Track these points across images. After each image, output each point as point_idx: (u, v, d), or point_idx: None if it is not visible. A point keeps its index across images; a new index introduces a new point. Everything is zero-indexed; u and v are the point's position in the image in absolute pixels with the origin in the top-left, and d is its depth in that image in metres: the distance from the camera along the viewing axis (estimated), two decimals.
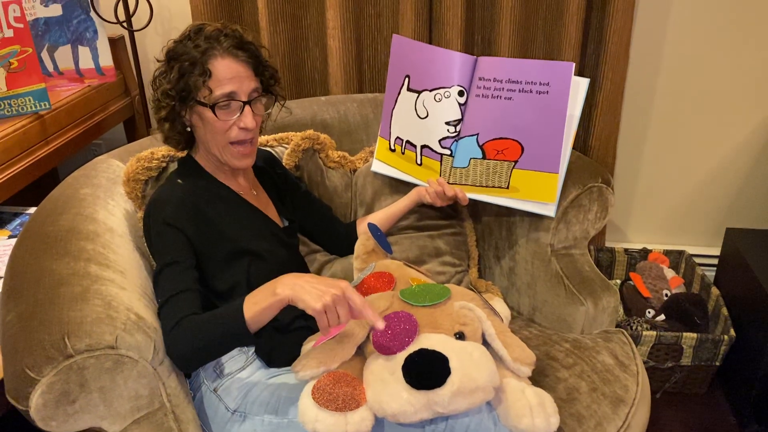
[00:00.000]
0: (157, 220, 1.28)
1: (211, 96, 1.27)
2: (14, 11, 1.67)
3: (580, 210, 1.61)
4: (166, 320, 1.18)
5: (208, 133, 1.32)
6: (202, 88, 1.27)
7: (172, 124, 1.33)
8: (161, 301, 1.21)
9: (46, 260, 1.21)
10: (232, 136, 1.31)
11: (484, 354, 1.16)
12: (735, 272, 2.04)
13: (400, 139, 1.66)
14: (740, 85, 2.12)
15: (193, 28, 1.31)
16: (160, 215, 1.28)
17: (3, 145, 1.63)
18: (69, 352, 1.03)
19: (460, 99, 1.54)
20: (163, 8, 2.19)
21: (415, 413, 1.09)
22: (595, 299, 1.56)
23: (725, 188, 2.27)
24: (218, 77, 1.27)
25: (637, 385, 1.39)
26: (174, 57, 1.29)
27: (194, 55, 1.27)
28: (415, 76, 1.59)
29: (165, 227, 1.27)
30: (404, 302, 1.26)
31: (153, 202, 1.32)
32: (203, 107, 1.28)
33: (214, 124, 1.30)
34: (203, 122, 1.31)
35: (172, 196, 1.31)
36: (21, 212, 1.81)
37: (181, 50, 1.28)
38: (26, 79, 1.71)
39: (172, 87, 1.28)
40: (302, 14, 2.07)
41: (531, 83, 1.47)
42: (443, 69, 1.55)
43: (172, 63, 1.29)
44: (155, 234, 1.28)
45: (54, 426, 1.05)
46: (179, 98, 1.28)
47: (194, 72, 1.26)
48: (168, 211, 1.28)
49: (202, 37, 1.28)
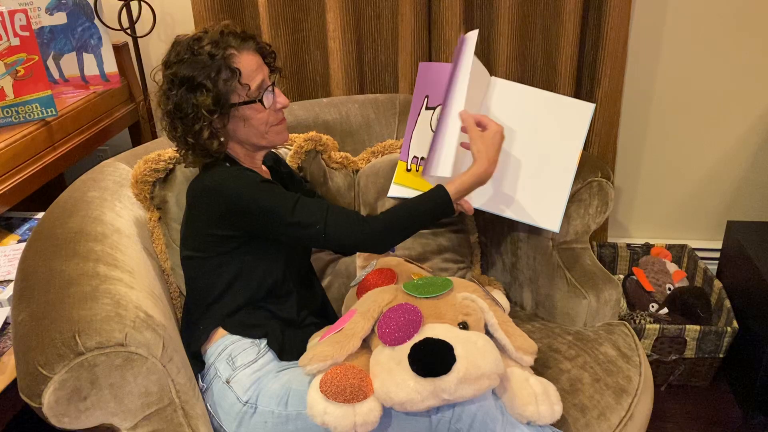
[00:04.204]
0: (245, 186, 1.28)
1: (251, 91, 1.31)
2: (20, 20, 1.69)
3: (581, 204, 1.63)
4: (344, 223, 1.27)
5: (252, 128, 1.34)
6: (236, 90, 1.29)
7: (211, 139, 1.31)
8: (320, 223, 1.26)
9: (56, 261, 1.23)
10: (272, 119, 1.36)
11: (488, 342, 1.17)
12: (737, 265, 2.05)
13: (416, 158, 1.67)
14: (740, 78, 2.13)
15: (185, 44, 1.29)
16: (244, 182, 1.29)
17: (11, 151, 1.66)
18: (80, 350, 1.05)
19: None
20: (166, 15, 2.21)
21: (423, 401, 1.11)
22: (597, 292, 1.58)
23: (726, 182, 2.28)
24: (247, 72, 1.30)
25: (640, 375, 1.41)
26: (191, 76, 1.26)
27: (217, 63, 1.27)
28: (433, 94, 1.60)
29: (261, 185, 1.29)
30: (408, 294, 1.27)
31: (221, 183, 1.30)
32: (246, 105, 1.31)
33: (259, 116, 1.33)
34: (245, 121, 1.33)
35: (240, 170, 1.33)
36: (29, 217, 1.83)
37: (199, 66, 1.27)
38: (33, 86, 1.74)
39: (213, 101, 1.27)
40: (303, 17, 2.09)
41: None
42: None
43: (193, 81, 1.26)
44: (256, 197, 1.27)
45: (66, 422, 1.06)
46: (220, 110, 1.28)
47: (222, 77, 1.27)
48: (247, 176, 1.30)
49: (208, 45, 1.28)
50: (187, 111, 1.28)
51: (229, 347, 1.31)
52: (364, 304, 1.27)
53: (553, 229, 1.50)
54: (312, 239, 1.28)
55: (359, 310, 1.26)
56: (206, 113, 1.27)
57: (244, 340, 1.32)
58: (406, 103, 1.84)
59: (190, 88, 1.27)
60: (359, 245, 1.33)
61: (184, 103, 1.28)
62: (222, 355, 1.31)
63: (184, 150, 1.35)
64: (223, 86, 1.28)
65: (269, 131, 1.37)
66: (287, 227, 1.27)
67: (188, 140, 1.31)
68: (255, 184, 1.29)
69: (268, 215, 1.27)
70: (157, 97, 1.35)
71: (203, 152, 1.33)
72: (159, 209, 1.52)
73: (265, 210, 1.27)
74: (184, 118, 1.29)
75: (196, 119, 1.28)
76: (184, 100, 1.28)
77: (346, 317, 1.27)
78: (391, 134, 1.87)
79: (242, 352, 1.31)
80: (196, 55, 1.28)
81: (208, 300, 1.36)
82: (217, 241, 1.34)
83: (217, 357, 1.31)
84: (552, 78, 2.06)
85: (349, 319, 1.25)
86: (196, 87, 1.27)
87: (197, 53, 1.28)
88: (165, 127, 1.34)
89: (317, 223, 1.26)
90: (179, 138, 1.32)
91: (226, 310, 1.35)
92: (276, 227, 1.28)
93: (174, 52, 1.31)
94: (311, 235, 1.27)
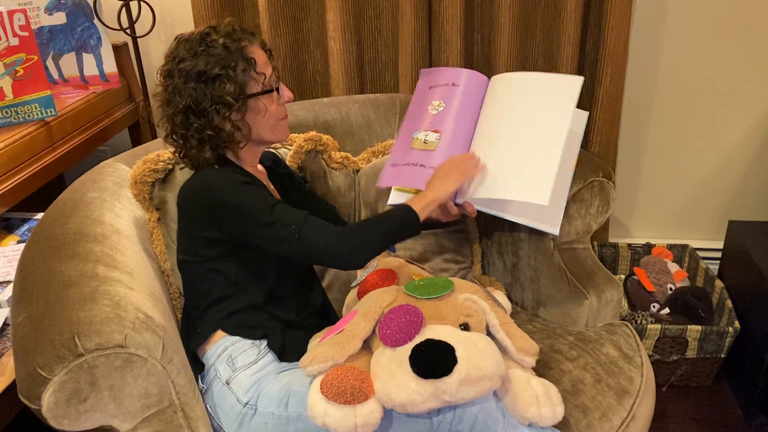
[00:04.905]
0: (228, 187, 1.27)
1: (267, 80, 1.32)
2: (19, 20, 1.69)
3: (582, 204, 1.62)
4: (320, 230, 1.24)
5: (264, 121, 1.34)
6: (251, 80, 1.30)
7: (233, 130, 1.31)
8: (296, 226, 1.23)
9: (55, 262, 1.23)
10: (281, 112, 1.37)
11: (489, 344, 1.17)
12: (738, 265, 2.05)
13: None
14: (741, 78, 2.13)
15: (197, 39, 1.29)
16: (227, 182, 1.28)
17: (10, 151, 1.66)
18: (79, 352, 1.04)
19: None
20: (166, 14, 2.21)
21: (424, 402, 1.10)
22: (599, 293, 1.57)
23: (727, 181, 2.28)
24: (260, 63, 1.32)
25: (642, 376, 1.40)
26: (208, 69, 1.26)
27: (234, 54, 1.27)
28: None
29: (243, 186, 1.28)
30: (409, 295, 1.27)
31: (205, 185, 1.30)
32: (264, 95, 1.32)
33: (272, 106, 1.34)
34: (257, 113, 1.33)
35: (223, 172, 1.33)
36: (29, 218, 1.83)
37: (215, 59, 1.27)
38: (32, 86, 1.74)
39: (234, 91, 1.27)
40: (303, 17, 2.09)
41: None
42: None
43: (211, 73, 1.26)
44: (236, 197, 1.26)
45: (66, 424, 1.06)
46: (240, 99, 1.28)
47: (240, 67, 1.28)
48: (231, 177, 1.30)
49: (222, 38, 1.28)
50: (206, 104, 1.27)
51: (230, 348, 1.31)
52: (365, 305, 1.27)
53: (553, 231, 1.50)
54: (285, 243, 1.24)
55: (360, 311, 1.25)
56: (226, 104, 1.27)
57: (245, 341, 1.32)
58: (407, 102, 1.83)
59: (208, 80, 1.27)
60: (332, 257, 1.26)
61: (202, 96, 1.27)
62: (222, 356, 1.30)
63: (193, 148, 1.32)
64: (242, 76, 1.28)
65: (278, 125, 1.38)
66: (264, 227, 1.25)
67: (205, 135, 1.29)
68: (238, 184, 1.28)
69: (248, 215, 1.26)
70: (162, 96, 1.32)
71: (217, 146, 1.32)
72: (158, 210, 1.51)
73: (244, 209, 1.26)
74: (202, 112, 1.28)
75: (217, 112, 1.28)
76: (201, 93, 1.27)
77: (347, 318, 1.26)
78: (392, 134, 1.86)
79: (242, 353, 1.30)
80: (210, 47, 1.28)
81: (205, 303, 1.36)
82: (206, 244, 1.33)
83: (218, 358, 1.31)
84: None
85: (350, 320, 1.24)
86: (215, 78, 1.27)
87: (211, 45, 1.28)
88: (175, 124, 1.31)
89: (293, 225, 1.24)
90: (191, 136, 1.30)
91: (225, 312, 1.34)
92: (253, 228, 1.26)
93: (185, 47, 1.30)
94: (285, 237, 1.23)
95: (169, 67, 1.30)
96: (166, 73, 1.31)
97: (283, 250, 1.25)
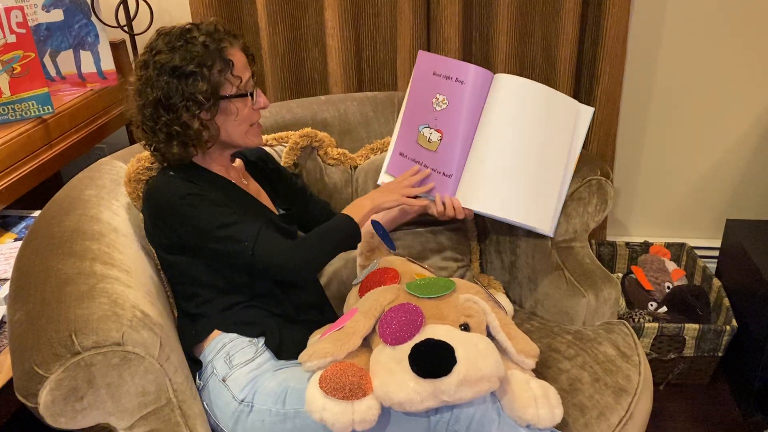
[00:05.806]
0: (175, 198, 1.27)
1: (242, 84, 1.31)
2: (16, 16, 1.68)
3: (580, 203, 1.62)
4: (273, 246, 1.26)
5: (234, 125, 1.34)
6: (226, 82, 1.29)
7: (200, 129, 1.30)
8: (249, 242, 1.24)
9: (52, 260, 1.22)
10: (254, 118, 1.37)
11: (489, 345, 1.17)
12: (736, 263, 2.05)
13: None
14: (739, 77, 2.13)
15: (177, 34, 1.29)
16: (175, 194, 1.28)
17: (7, 149, 1.65)
18: (76, 349, 1.04)
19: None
20: (164, 12, 2.20)
21: (422, 402, 1.10)
22: (596, 291, 1.57)
23: (725, 180, 2.28)
24: (238, 66, 1.31)
25: (639, 375, 1.40)
26: (183, 64, 1.26)
27: (212, 54, 1.27)
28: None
29: (190, 198, 1.27)
30: (410, 294, 1.27)
31: (155, 190, 1.32)
32: (237, 98, 1.31)
33: (244, 111, 1.33)
34: (228, 115, 1.32)
35: (173, 179, 1.32)
36: (26, 215, 1.83)
37: (192, 55, 1.26)
38: (29, 83, 1.73)
39: (206, 90, 1.26)
40: (301, 14, 2.09)
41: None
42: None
43: (185, 69, 1.26)
44: (184, 211, 1.27)
45: (63, 422, 1.06)
46: (211, 100, 1.27)
47: (216, 67, 1.27)
48: (179, 187, 1.29)
49: (202, 36, 1.28)
50: (176, 100, 1.27)
51: (227, 345, 1.31)
52: (366, 303, 1.27)
53: (548, 233, 1.50)
54: (239, 256, 1.26)
55: (361, 309, 1.25)
56: (196, 103, 1.27)
57: (242, 338, 1.32)
58: None
59: (181, 75, 1.27)
60: (286, 271, 1.29)
61: (173, 91, 1.27)
62: (219, 353, 1.30)
63: (161, 142, 1.31)
64: (217, 77, 1.28)
65: (249, 131, 1.37)
66: (214, 242, 1.26)
67: (173, 130, 1.29)
68: (182, 197, 1.28)
69: (196, 228, 1.27)
70: (135, 86, 1.32)
71: (185, 144, 1.31)
72: None
73: (193, 221, 1.27)
74: (171, 107, 1.28)
75: (185, 108, 1.27)
76: (173, 88, 1.27)
77: (348, 315, 1.26)
78: (390, 132, 1.86)
79: (240, 350, 1.30)
80: (189, 43, 1.27)
81: (194, 303, 1.37)
82: (166, 246, 1.35)
83: (215, 355, 1.30)
84: (551, 76, 2.06)
85: (351, 317, 1.24)
86: (188, 75, 1.26)
87: (191, 42, 1.27)
88: (144, 117, 1.31)
89: (246, 241, 1.25)
90: (159, 129, 1.30)
91: (216, 309, 1.35)
92: (204, 240, 1.27)
93: (164, 40, 1.29)
94: (238, 251, 1.25)
95: (146, 58, 1.30)
96: (141, 63, 1.31)
97: (238, 264, 1.29)
